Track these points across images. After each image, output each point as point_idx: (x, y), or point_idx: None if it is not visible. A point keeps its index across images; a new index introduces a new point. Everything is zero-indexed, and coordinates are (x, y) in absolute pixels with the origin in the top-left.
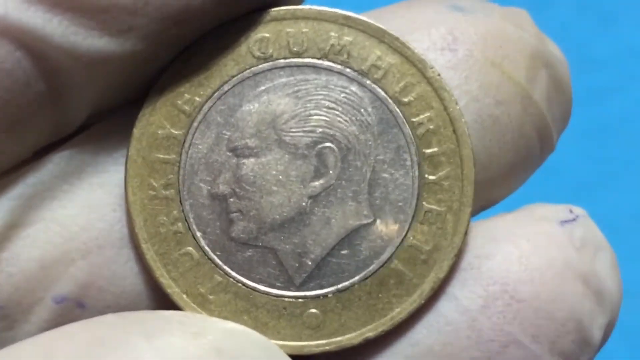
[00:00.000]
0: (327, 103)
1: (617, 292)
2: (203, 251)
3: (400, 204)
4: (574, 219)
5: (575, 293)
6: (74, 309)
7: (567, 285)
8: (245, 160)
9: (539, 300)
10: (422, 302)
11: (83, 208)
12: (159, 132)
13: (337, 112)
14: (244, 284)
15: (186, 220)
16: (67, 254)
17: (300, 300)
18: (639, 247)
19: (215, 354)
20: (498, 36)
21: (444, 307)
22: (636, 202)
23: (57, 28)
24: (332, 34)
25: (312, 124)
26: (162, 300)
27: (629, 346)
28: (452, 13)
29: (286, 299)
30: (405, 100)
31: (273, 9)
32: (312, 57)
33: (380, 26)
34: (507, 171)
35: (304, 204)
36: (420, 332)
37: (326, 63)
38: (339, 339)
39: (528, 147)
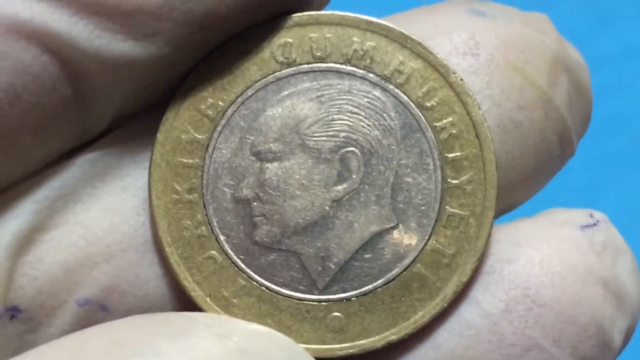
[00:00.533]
0: (350, 108)
1: (637, 296)
2: (227, 255)
3: (423, 208)
4: (594, 224)
5: (596, 297)
6: (98, 312)
7: (588, 290)
8: (268, 165)
9: (560, 305)
10: (445, 305)
11: (107, 211)
12: (183, 136)
13: (360, 117)
14: (267, 288)
15: (210, 224)
16: (91, 258)
17: (323, 303)
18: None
19: (240, 355)
20: (519, 41)
21: (466, 311)
22: (636, 202)
23: (82, 32)
24: (355, 39)
25: (335, 128)
26: (186, 303)
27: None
28: (473, 18)
29: (309, 303)
30: (428, 104)
31: (296, 15)
32: (335, 62)
33: (403, 31)
34: (528, 175)
35: (327, 208)
36: (443, 336)
37: (349, 68)
38: (362, 342)
39: (549, 152)
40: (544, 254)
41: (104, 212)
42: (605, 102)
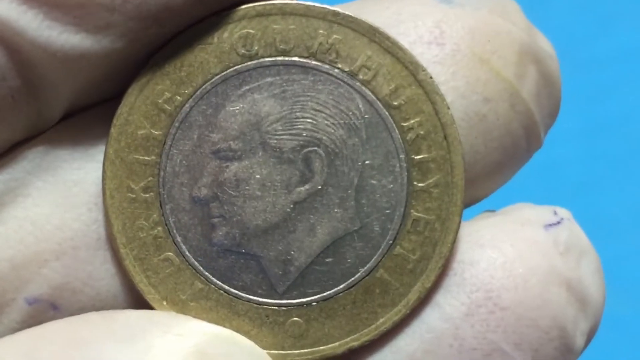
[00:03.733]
0: (314, 105)
1: (600, 298)
2: (184, 256)
3: (387, 211)
4: (558, 222)
5: (559, 300)
6: (48, 310)
7: (551, 292)
8: (228, 163)
9: (522, 308)
10: (408, 312)
11: (58, 207)
12: (138, 132)
13: (325, 115)
14: (225, 291)
15: (166, 224)
16: (40, 255)
17: (283, 308)
18: (638, 245)
19: (199, 357)
20: (486, 30)
21: (427, 314)
22: (636, 201)
23: (31, 21)
24: (321, 31)
25: (298, 126)
26: (140, 303)
27: (629, 346)
28: (440, 5)
29: (269, 307)
30: (396, 103)
31: (258, 4)
32: (300, 56)
33: (372, 24)
34: (493, 169)
35: (288, 210)
36: (403, 340)
37: (314, 62)
38: (322, 348)
39: (515, 145)
40: (507, 256)
41: (54, 208)
42: (605, 102)
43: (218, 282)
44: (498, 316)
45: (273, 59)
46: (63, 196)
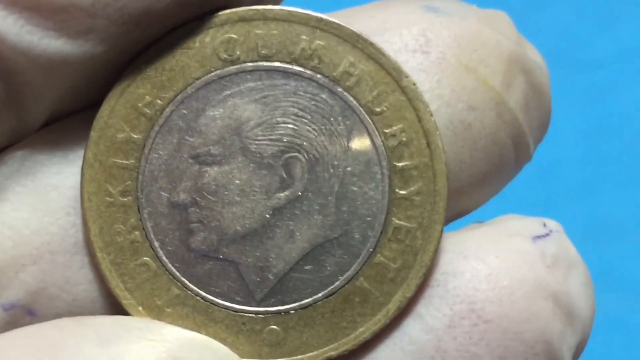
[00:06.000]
0: (296, 111)
1: (589, 312)
2: (161, 262)
3: (368, 218)
4: (547, 234)
5: (546, 313)
6: (24, 316)
7: (537, 305)
8: (207, 168)
9: (507, 321)
10: (388, 321)
11: (36, 211)
12: (118, 135)
13: (306, 121)
14: (202, 298)
15: (144, 229)
16: (17, 259)
17: (260, 315)
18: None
19: None
20: (473, 39)
21: (409, 325)
22: (636, 202)
23: (12, 27)
24: (303, 37)
25: (279, 132)
26: (117, 309)
27: (629, 346)
28: (426, 14)
29: (246, 314)
30: (378, 109)
31: (241, 9)
32: (282, 61)
33: (355, 30)
34: (480, 180)
35: (267, 215)
36: (383, 351)
37: (296, 68)
38: (299, 357)
39: (502, 156)
40: (492, 267)
41: (32, 212)
42: (605, 103)
43: (195, 288)
44: (481, 329)
45: (255, 64)
46: (41, 200)
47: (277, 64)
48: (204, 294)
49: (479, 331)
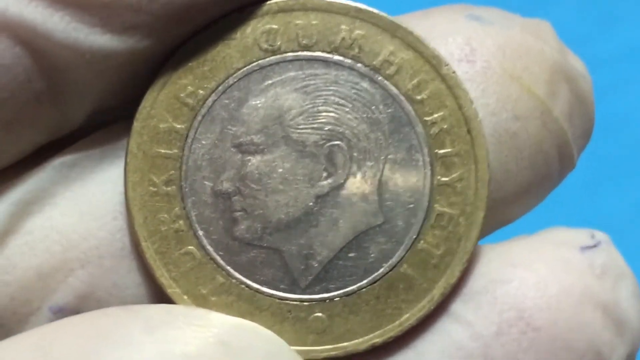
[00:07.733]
0: (337, 99)
1: (638, 322)
2: (205, 250)
3: (411, 206)
4: (595, 245)
5: (595, 323)
6: None
7: (586, 314)
8: (250, 157)
9: (556, 329)
10: (432, 308)
11: (83, 216)
12: (161, 125)
13: (347, 109)
14: (247, 286)
15: (188, 218)
16: (66, 264)
17: (305, 303)
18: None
19: (220, 347)
20: (518, 48)
21: (457, 331)
22: (636, 202)
23: (58, 24)
24: (343, 27)
25: (321, 120)
26: None
27: None
28: (471, 23)
29: (291, 302)
30: (419, 97)
31: (281, 0)
32: (322, 51)
33: (394, 20)
34: (524, 189)
35: (311, 204)
36: (432, 356)
37: (336, 57)
38: (345, 344)
39: (547, 165)
40: (540, 276)
41: (80, 217)
42: (605, 103)
43: (240, 276)
44: (530, 336)
45: (296, 53)
46: (89, 205)
47: (317, 53)
48: (248, 282)
49: (527, 339)
